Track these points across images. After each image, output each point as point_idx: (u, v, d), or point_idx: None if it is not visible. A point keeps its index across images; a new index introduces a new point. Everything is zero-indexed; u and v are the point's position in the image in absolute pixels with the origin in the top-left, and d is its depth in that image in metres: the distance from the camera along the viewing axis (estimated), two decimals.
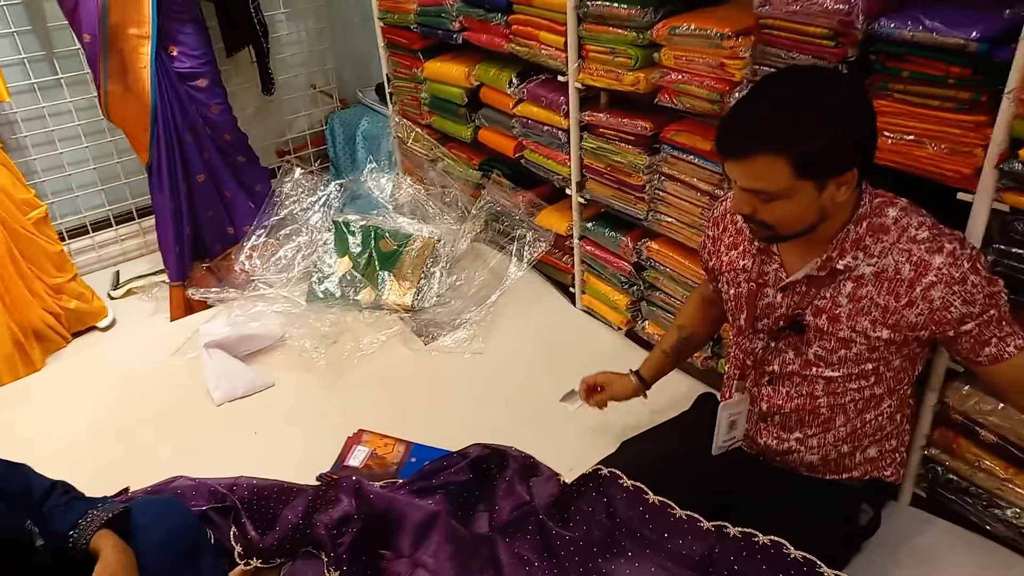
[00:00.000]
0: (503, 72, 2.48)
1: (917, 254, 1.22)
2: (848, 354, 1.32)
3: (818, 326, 1.32)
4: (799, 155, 1.13)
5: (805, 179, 1.15)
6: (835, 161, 1.16)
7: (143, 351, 2.52)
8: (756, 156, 1.16)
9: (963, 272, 1.20)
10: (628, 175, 2.12)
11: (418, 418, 2.11)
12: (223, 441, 2.09)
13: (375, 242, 2.72)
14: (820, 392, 1.40)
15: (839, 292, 1.29)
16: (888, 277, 1.24)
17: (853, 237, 1.26)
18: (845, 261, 1.27)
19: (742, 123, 1.19)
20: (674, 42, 1.80)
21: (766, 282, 1.39)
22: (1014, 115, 1.25)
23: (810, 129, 1.13)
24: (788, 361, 1.40)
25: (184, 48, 2.64)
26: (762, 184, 1.18)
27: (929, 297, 1.22)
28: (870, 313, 1.27)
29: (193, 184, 2.81)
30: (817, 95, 1.15)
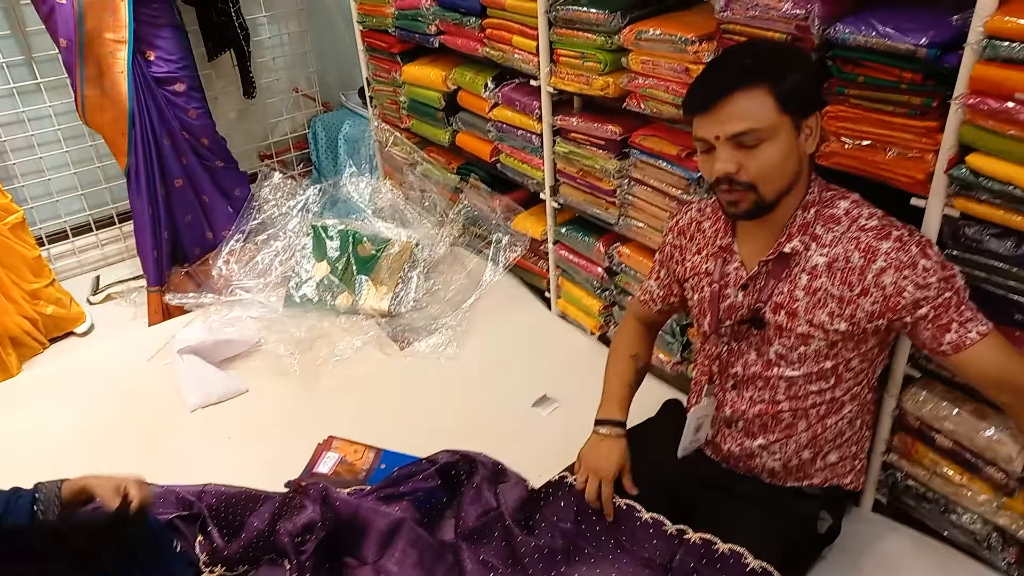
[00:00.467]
0: (479, 76, 2.49)
1: (865, 241, 1.25)
2: (807, 351, 1.33)
3: (777, 323, 1.33)
4: (781, 84, 1.18)
5: (785, 114, 1.19)
6: (808, 95, 1.24)
7: (119, 357, 2.52)
8: (740, 93, 1.18)
9: (912, 256, 1.21)
10: (599, 179, 2.13)
11: (390, 424, 2.11)
12: (196, 447, 2.09)
13: (353, 247, 2.72)
14: (782, 396, 1.40)
15: (795, 286, 1.31)
16: (840, 267, 1.26)
17: (800, 222, 1.29)
18: (792, 244, 1.29)
19: (719, 71, 1.23)
20: (641, 47, 1.81)
21: (727, 283, 1.40)
22: (962, 121, 1.25)
23: (785, 61, 1.23)
24: (751, 362, 1.41)
25: (161, 53, 2.65)
26: (749, 122, 1.19)
27: (881, 283, 1.23)
28: (827, 305, 1.28)
29: (171, 189, 2.81)
30: (779, 44, 1.37)
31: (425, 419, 2.14)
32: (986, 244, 1.32)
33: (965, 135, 1.26)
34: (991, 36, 1.16)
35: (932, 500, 1.59)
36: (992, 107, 1.19)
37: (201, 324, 2.47)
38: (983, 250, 1.33)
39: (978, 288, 1.35)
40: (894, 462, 1.64)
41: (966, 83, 1.22)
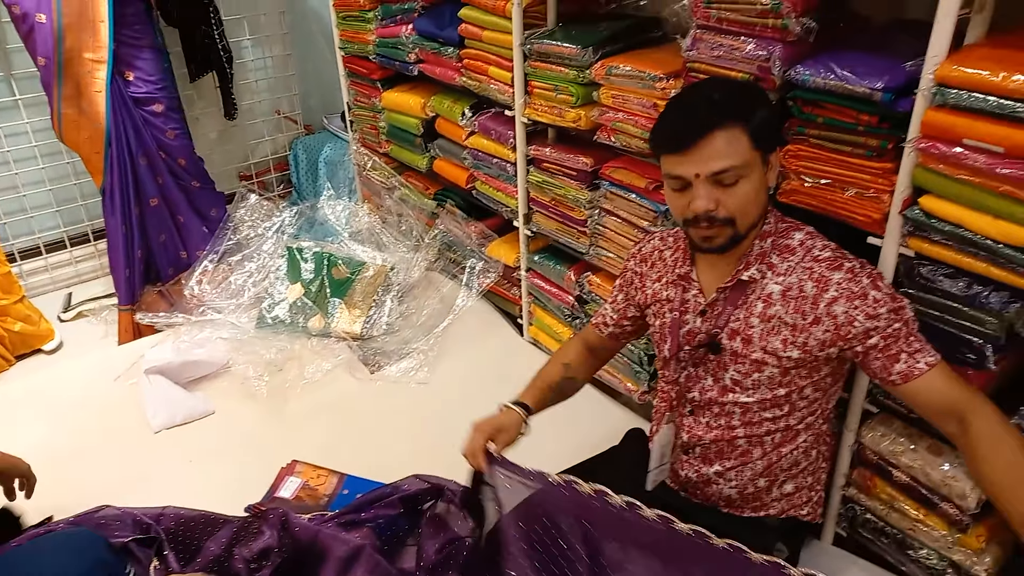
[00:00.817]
0: (456, 104, 2.52)
1: (818, 271, 1.28)
2: (761, 377, 1.35)
3: (733, 348, 1.36)
4: (754, 123, 1.22)
5: (757, 150, 1.23)
6: (773, 132, 1.29)
7: (86, 375, 2.49)
8: (718, 132, 1.20)
9: (863, 287, 1.24)
10: (571, 209, 2.15)
11: (357, 449, 2.10)
12: (158, 469, 2.07)
13: (328, 269, 2.73)
14: (737, 422, 1.42)
15: (751, 313, 1.33)
16: (794, 295, 1.29)
17: (757, 251, 1.33)
18: (750, 272, 1.32)
19: (693, 110, 1.24)
20: (611, 81, 1.84)
21: (687, 309, 1.43)
22: (915, 164, 1.29)
23: (755, 101, 1.26)
24: (707, 388, 1.43)
25: (140, 73, 2.66)
26: (728, 160, 1.21)
27: (833, 313, 1.26)
28: (780, 332, 1.31)
29: (146, 208, 2.81)
30: (741, 82, 1.39)
31: (393, 444, 2.13)
32: (939, 284, 1.35)
33: (918, 178, 1.30)
34: (941, 84, 1.20)
35: (890, 535, 1.60)
36: (943, 151, 1.22)
37: (170, 344, 2.45)
38: (936, 289, 1.36)
39: (932, 326, 1.38)
40: (853, 496, 1.65)
41: (918, 128, 1.25)
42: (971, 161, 1.19)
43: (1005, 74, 1.12)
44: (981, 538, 1.46)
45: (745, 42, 1.46)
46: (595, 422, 2.12)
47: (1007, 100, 1.13)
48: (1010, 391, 1.40)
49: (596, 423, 2.11)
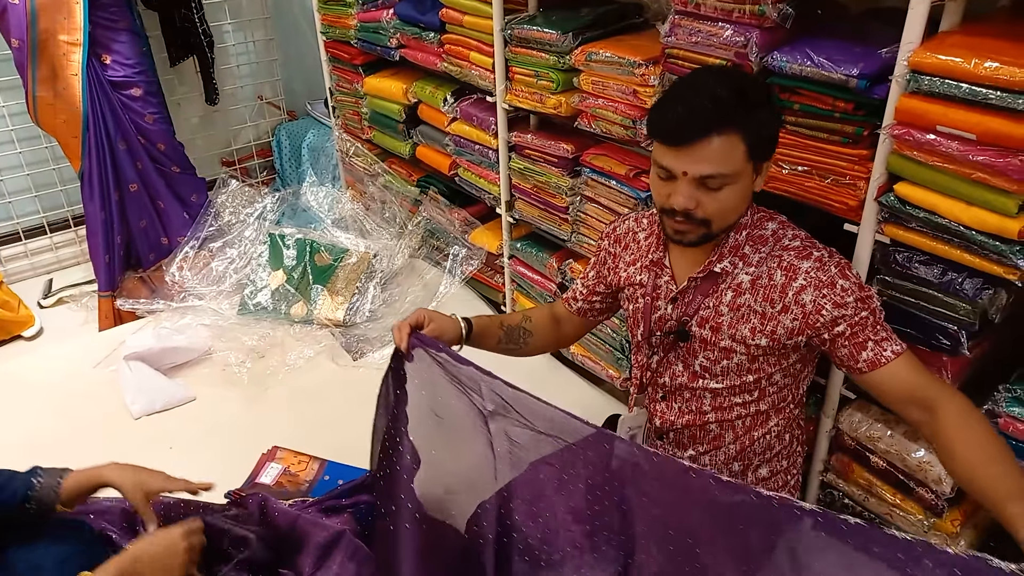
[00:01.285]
0: (439, 90, 2.50)
1: (787, 259, 1.28)
2: (730, 364, 1.36)
3: (702, 336, 1.36)
4: (753, 134, 1.18)
5: (751, 161, 1.20)
6: (770, 143, 1.24)
7: (66, 362, 2.47)
8: (717, 136, 1.16)
9: (831, 276, 1.24)
10: (553, 196, 2.15)
11: (339, 435, 2.09)
12: (138, 456, 2.02)
13: (310, 256, 2.71)
14: (708, 407, 1.43)
15: (720, 301, 1.34)
16: (763, 284, 1.30)
17: (732, 244, 1.32)
18: (722, 264, 1.32)
19: (702, 102, 1.17)
20: (591, 68, 1.83)
21: (659, 295, 1.43)
22: (890, 150, 1.29)
23: (758, 108, 1.20)
24: (677, 374, 1.44)
25: (118, 57, 2.62)
26: (719, 167, 1.18)
27: (801, 301, 1.26)
28: (750, 320, 1.31)
29: (125, 193, 2.78)
30: (754, 83, 1.25)
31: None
32: (914, 270, 1.36)
33: (893, 164, 1.30)
34: (915, 70, 1.20)
35: (868, 519, 1.62)
36: (917, 138, 1.22)
37: (150, 331, 2.43)
38: (911, 276, 1.37)
39: (907, 312, 1.39)
40: (831, 481, 1.67)
41: (893, 114, 1.25)
42: (944, 148, 1.19)
43: (977, 61, 1.12)
44: (956, 522, 1.48)
45: (723, 28, 1.46)
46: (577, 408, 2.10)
47: (979, 87, 1.13)
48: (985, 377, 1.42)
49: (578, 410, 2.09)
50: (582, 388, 2.28)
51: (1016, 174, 1.13)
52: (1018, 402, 1.31)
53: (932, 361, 1.39)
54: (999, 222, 1.18)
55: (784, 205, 1.43)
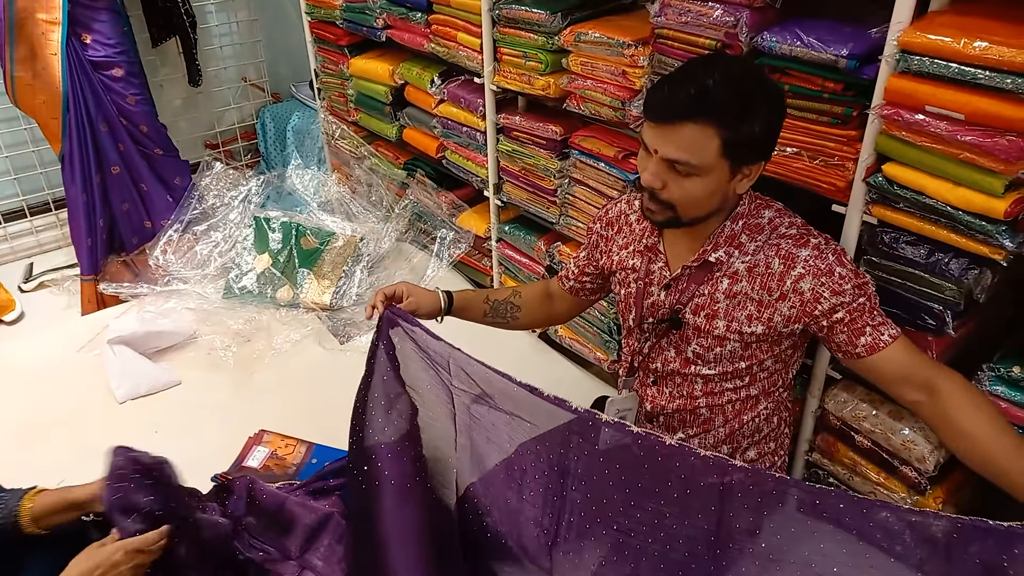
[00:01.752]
0: (426, 71, 2.48)
1: (785, 248, 1.28)
2: (723, 352, 1.37)
3: (696, 324, 1.36)
4: (732, 134, 1.16)
5: (726, 159, 1.19)
6: (756, 149, 1.21)
7: (49, 346, 2.44)
8: (692, 123, 1.16)
9: (829, 264, 1.25)
10: (541, 179, 2.14)
11: (326, 419, 2.06)
12: (123, 440, 2.02)
13: (296, 239, 2.69)
14: (699, 392, 1.43)
15: (716, 289, 1.33)
16: (760, 272, 1.30)
17: (728, 233, 1.32)
18: (717, 254, 1.31)
19: (688, 88, 1.16)
20: (580, 48, 1.82)
21: (651, 281, 1.43)
22: (879, 131, 1.29)
23: (750, 112, 1.16)
24: (669, 359, 1.44)
25: (98, 36, 2.58)
26: (687, 155, 1.18)
27: (800, 289, 1.26)
28: (746, 308, 1.31)
29: (108, 176, 2.74)
30: (762, 82, 1.21)
31: None
32: (901, 251, 1.37)
33: (881, 145, 1.30)
34: (904, 50, 1.20)
35: None
36: (905, 118, 1.22)
37: (134, 315, 2.41)
38: (898, 256, 1.38)
39: (893, 293, 1.40)
40: (817, 461, 1.68)
41: (882, 94, 1.25)
42: (933, 128, 1.19)
43: (967, 40, 1.12)
44: (939, 500, 1.50)
45: (712, 8, 1.45)
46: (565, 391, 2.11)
47: (968, 67, 1.13)
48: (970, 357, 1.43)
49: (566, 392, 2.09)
50: (569, 370, 2.28)
51: (1003, 154, 1.13)
52: (1002, 381, 1.32)
53: (918, 341, 1.40)
54: (986, 202, 1.19)
55: (772, 187, 1.44)
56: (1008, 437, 1.18)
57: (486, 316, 1.65)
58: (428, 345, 1.40)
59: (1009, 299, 1.50)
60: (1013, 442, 1.17)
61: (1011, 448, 1.16)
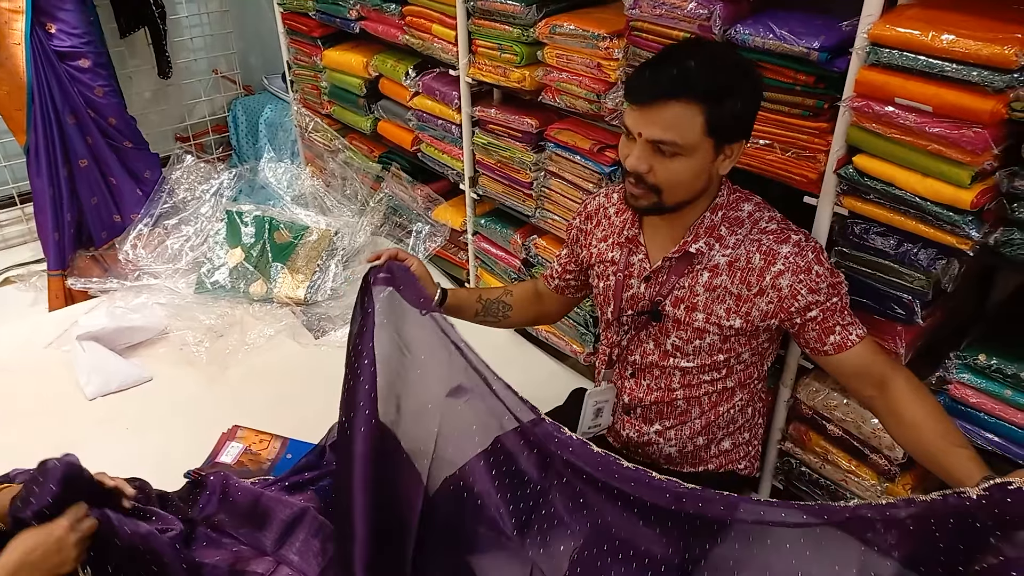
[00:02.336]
0: (400, 64, 2.46)
1: (766, 244, 1.29)
2: (702, 344, 1.38)
3: (676, 316, 1.37)
4: (716, 111, 1.17)
5: (710, 137, 1.19)
6: (738, 126, 1.23)
7: (15, 342, 2.39)
8: (676, 103, 1.17)
9: (808, 262, 1.27)
10: (517, 172, 2.14)
11: (301, 414, 2.06)
12: (93, 437, 2.00)
13: (269, 233, 2.66)
14: (677, 384, 1.44)
15: (696, 282, 1.34)
16: (740, 267, 1.31)
17: (707, 224, 1.32)
18: (698, 245, 1.32)
19: (670, 68, 1.18)
20: (555, 40, 1.82)
21: (631, 273, 1.43)
22: (849, 123, 1.31)
23: (732, 88, 1.19)
24: (648, 352, 1.45)
25: (63, 26, 2.52)
26: (672, 134, 1.18)
27: (778, 285, 1.28)
28: (725, 302, 1.33)
29: (75, 169, 2.69)
30: (742, 64, 1.24)
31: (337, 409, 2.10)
32: (871, 241, 1.39)
33: (852, 136, 1.32)
34: (874, 43, 1.22)
35: (824, 486, 1.67)
36: (875, 110, 1.24)
37: (104, 310, 2.37)
38: (868, 247, 1.40)
39: (863, 283, 1.42)
40: (789, 450, 1.71)
41: (853, 87, 1.27)
42: (902, 120, 1.21)
43: (935, 33, 1.14)
44: (907, 486, 1.53)
45: (687, 0, 1.46)
46: (541, 384, 2.13)
47: (936, 59, 1.15)
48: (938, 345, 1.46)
49: (542, 385, 2.12)
50: (546, 363, 2.29)
51: (970, 145, 1.15)
52: (968, 369, 1.35)
53: (887, 330, 1.43)
54: (953, 193, 1.21)
55: (745, 178, 1.45)
56: (942, 424, 1.21)
57: (477, 315, 1.65)
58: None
59: (975, 289, 1.53)
60: (946, 428, 1.20)
61: (947, 440, 1.18)
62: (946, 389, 1.38)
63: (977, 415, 1.35)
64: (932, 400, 1.26)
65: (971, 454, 1.15)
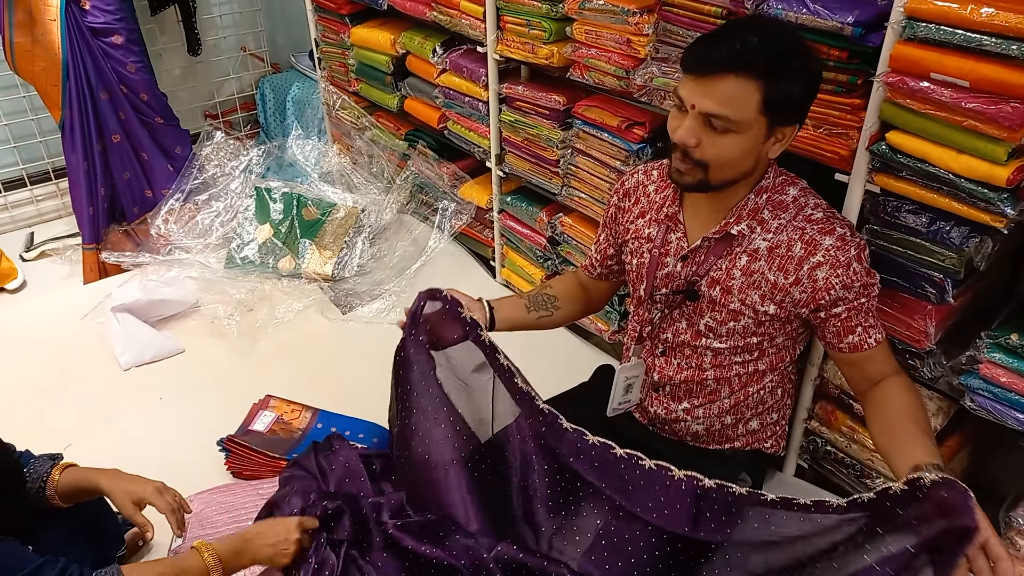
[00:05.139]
0: (428, 41, 2.46)
1: (809, 233, 1.26)
2: (736, 326, 1.36)
3: (712, 296, 1.36)
4: (774, 89, 1.13)
5: (764, 116, 1.16)
6: (794, 109, 1.19)
7: (52, 314, 2.46)
8: (734, 75, 1.13)
9: (849, 257, 1.24)
10: (544, 149, 2.14)
11: (329, 386, 2.11)
12: (128, 406, 2.06)
13: (297, 210, 2.69)
14: (708, 364, 1.44)
15: (734, 265, 1.32)
16: (780, 254, 1.28)
17: (751, 207, 1.30)
18: (739, 227, 1.30)
19: (732, 41, 1.14)
20: (584, 16, 1.81)
21: (668, 251, 1.41)
22: (883, 99, 1.30)
23: (794, 69, 1.15)
24: (680, 331, 1.44)
25: (97, 2, 2.55)
26: (726, 109, 1.15)
27: (814, 277, 1.26)
28: (760, 288, 1.31)
29: (108, 144, 2.73)
30: (806, 47, 1.19)
31: (365, 382, 2.11)
32: (903, 219, 1.38)
33: (886, 112, 1.30)
34: (911, 17, 1.20)
35: (849, 465, 1.67)
36: (910, 86, 1.23)
37: (137, 283, 2.42)
38: (900, 225, 1.39)
39: (894, 261, 1.41)
40: (815, 429, 1.71)
41: (887, 62, 1.25)
42: (937, 95, 1.20)
43: (973, 7, 1.12)
44: None
45: None
46: (567, 361, 2.15)
47: (974, 33, 1.14)
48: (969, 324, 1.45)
49: (567, 362, 2.14)
50: (571, 341, 2.30)
51: (1007, 121, 1.14)
52: (999, 348, 1.34)
53: (917, 309, 1.42)
54: (988, 170, 1.20)
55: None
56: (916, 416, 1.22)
57: (529, 312, 1.60)
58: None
59: (1008, 267, 1.51)
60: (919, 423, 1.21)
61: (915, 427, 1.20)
62: (976, 369, 1.37)
63: (1008, 395, 1.34)
64: (918, 397, 1.27)
65: (928, 448, 1.15)
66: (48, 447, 1.78)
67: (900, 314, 1.44)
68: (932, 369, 1.45)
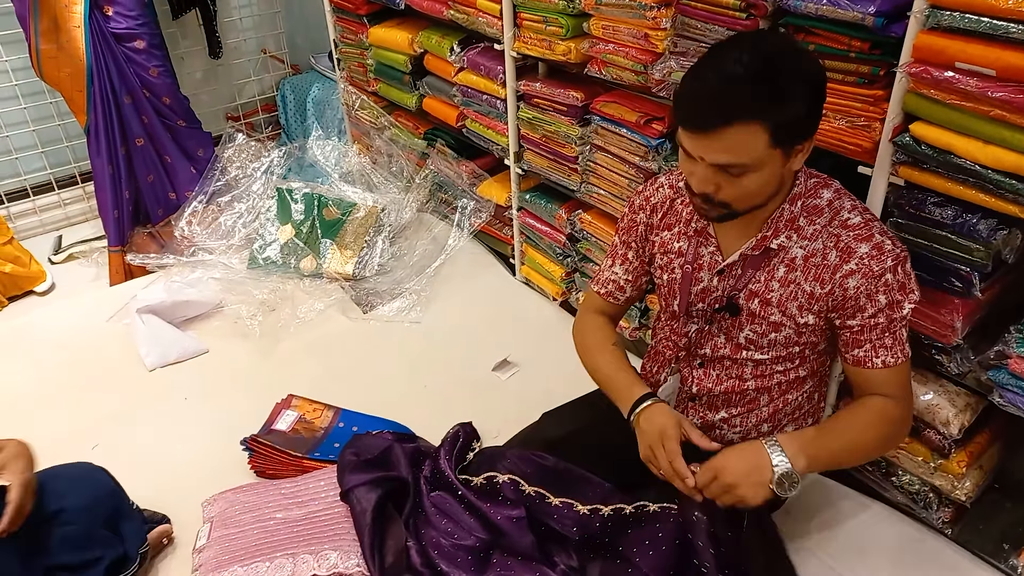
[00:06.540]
0: (445, 39, 2.47)
1: (845, 240, 1.22)
2: (778, 337, 1.33)
3: (751, 309, 1.32)
4: (778, 123, 1.08)
5: (777, 147, 1.11)
6: (805, 127, 1.14)
7: (79, 316, 2.49)
8: (734, 127, 1.08)
9: (883, 268, 1.19)
10: (562, 146, 2.13)
11: (352, 386, 2.12)
12: (153, 406, 2.09)
13: (318, 210, 2.71)
14: (749, 375, 1.40)
15: (772, 276, 1.28)
16: (816, 263, 1.24)
17: (787, 216, 1.25)
18: (779, 240, 1.26)
19: (716, 93, 1.09)
20: (601, 11, 1.80)
21: (701, 266, 1.37)
22: (906, 89, 1.27)
23: (792, 90, 1.09)
24: (719, 345, 1.40)
25: (120, 8, 2.59)
26: (737, 157, 1.11)
27: (845, 285, 1.22)
28: (798, 299, 1.27)
29: (132, 148, 2.77)
30: (790, 62, 1.10)
31: (387, 381, 2.15)
32: (928, 212, 1.35)
33: (909, 103, 1.28)
34: (934, 5, 1.18)
35: (876, 463, 1.64)
36: (934, 76, 1.21)
37: (162, 285, 2.45)
38: (925, 218, 1.36)
39: (920, 255, 1.38)
40: None
41: (910, 52, 1.23)
42: (962, 85, 1.17)
43: None
44: (962, 463, 1.50)
45: None
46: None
47: (1000, 20, 1.11)
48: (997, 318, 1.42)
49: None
50: None
51: None
52: None
53: (944, 303, 1.40)
54: (1016, 160, 1.17)
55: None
56: (829, 423, 1.29)
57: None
58: None
59: None
60: (848, 430, 1.26)
61: (837, 430, 1.27)
62: (1006, 364, 1.34)
63: None
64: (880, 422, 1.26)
65: (805, 435, 1.24)
66: (75, 447, 1.82)
67: (927, 309, 1.41)
68: (959, 364, 1.42)
